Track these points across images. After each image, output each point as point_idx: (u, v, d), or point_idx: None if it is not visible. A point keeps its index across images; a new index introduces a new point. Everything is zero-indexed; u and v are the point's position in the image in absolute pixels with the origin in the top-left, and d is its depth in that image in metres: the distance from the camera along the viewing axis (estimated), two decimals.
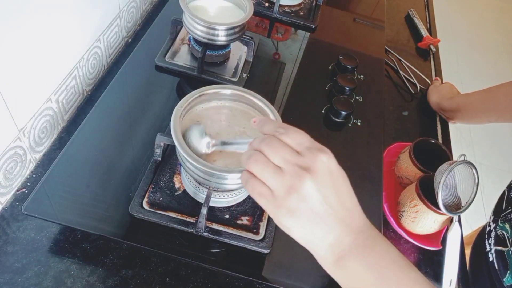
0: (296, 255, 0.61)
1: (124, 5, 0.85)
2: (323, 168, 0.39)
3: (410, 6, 1.30)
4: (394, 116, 0.95)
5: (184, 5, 0.76)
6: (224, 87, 0.62)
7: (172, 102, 0.77)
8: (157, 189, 0.62)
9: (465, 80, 2.61)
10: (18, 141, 0.61)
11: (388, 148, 0.85)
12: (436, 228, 0.71)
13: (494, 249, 0.75)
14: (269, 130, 0.43)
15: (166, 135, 0.61)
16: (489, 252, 0.77)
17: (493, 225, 0.79)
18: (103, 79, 0.83)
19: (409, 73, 1.06)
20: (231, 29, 0.78)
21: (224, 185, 0.56)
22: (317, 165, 0.39)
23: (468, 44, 2.99)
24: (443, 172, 0.67)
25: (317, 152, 0.40)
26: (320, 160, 0.39)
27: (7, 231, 0.59)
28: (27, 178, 0.66)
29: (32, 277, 0.56)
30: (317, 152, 0.40)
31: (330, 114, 0.82)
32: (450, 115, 0.95)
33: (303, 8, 1.07)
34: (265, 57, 0.92)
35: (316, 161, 0.39)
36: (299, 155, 0.40)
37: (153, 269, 0.59)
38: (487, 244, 0.78)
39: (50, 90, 0.67)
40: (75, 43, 0.71)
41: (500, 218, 0.76)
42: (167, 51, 0.84)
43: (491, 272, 0.75)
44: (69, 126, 0.74)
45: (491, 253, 0.76)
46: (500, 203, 0.80)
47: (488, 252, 0.77)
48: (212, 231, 0.59)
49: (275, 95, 0.84)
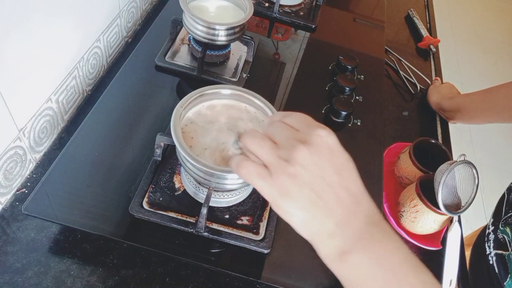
0: (296, 255, 0.61)
1: (124, 5, 0.85)
2: (320, 141, 0.37)
3: (410, 6, 1.30)
4: (394, 116, 0.95)
5: (184, 5, 0.76)
6: (224, 87, 0.62)
7: (172, 102, 0.77)
8: (157, 189, 0.62)
9: (465, 80, 2.61)
10: (18, 141, 0.61)
11: (388, 148, 0.85)
12: (436, 228, 0.71)
13: (494, 252, 0.75)
14: (276, 117, 0.42)
15: (166, 135, 0.61)
16: (489, 255, 0.77)
17: (492, 228, 0.79)
18: (103, 79, 0.83)
19: (409, 73, 1.06)
20: (231, 29, 0.78)
21: (224, 185, 0.56)
22: (313, 138, 0.37)
23: (468, 44, 2.99)
24: (443, 172, 0.67)
25: (315, 127, 0.38)
26: (317, 134, 0.37)
27: (7, 231, 0.59)
28: (27, 178, 0.66)
29: (32, 277, 0.55)
30: (315, 127, 0.38)
31: (330, 114, 0.82)
32: (450, 115, 0.95)
33: (303, 8, 1.07)
34: (265, 57, 0.92)
35: (312, 134, 0.37)
36: (298, 132, 0.38)
37: (153, 269, 0.59)
38: (487, 247, 0.78)
39: (50, 90, 0.67)
40: (75, 43, 0.71)
41: (501, 222, 0.76)
42: (167, 51, 0.84)
43: (491, 275, 0.75)
44: (69, 126, 0.74)
45: (491, 256, 0.76)
46: (500, 206, 0.80)
47: (488, 255, 0.77)
48: (212, 231, 0.59)
49: (275, 95, 0.84)
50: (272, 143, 0.38)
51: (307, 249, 0.62)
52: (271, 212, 0.63)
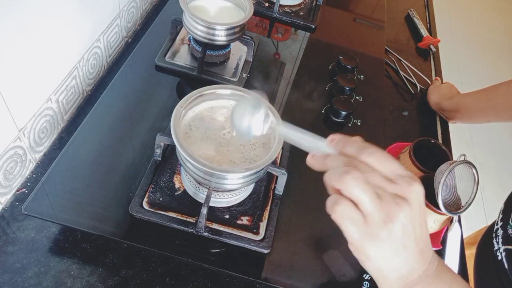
0: (296, 255, 0.61)
1: (124, 5, 0.85)
2: (417, 198, 0.38)
3: (410, 6, 1.30)
4: (394, 116, 0.95)
5: (184, 5, 0.76)
6: (224, 87, 0.62)
7: (172, 102, 0.77)
8: (157, 189, 0.62)
9: (465, 80, 2.61)
10: (18, 141, 0.61)
11: (388, 148, 0.85)
12: (436, 228, 0.71)
13: (503, 248, 0.75)
14: (353, 151, 0.40)
15: (166, 135, 0.61)
16: (497, 251, 0.77)
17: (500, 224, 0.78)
18: (103, 79, 0.83)
19: (409, 73, 1.06)
20: (231, 29, 0.78)
21: (224, 185, 0.56)
22: (412, 196, 0.38)
23: (468, 44, 2.99)
24: (443, 172, 0.67)
25: (411, 181, 0.38)
26: (415, 191, 0.38)
27: (7, 231, 0.59)
28: (27, 178, 0.66)
29: (32, 277, 0.55)
30: (412, 182, 0.38)
31: (330, 114, 0.82)
32: (450, 115, 0.95)
33: (303, 8, 1.07)
34: (265, 57, 0.92)
35: (411, 191, 0.38)
36: (394, 183, 0.38)
37: (153, 269, 0.59)
38: (495, 242, 0.78)
39: (50, 90, 0.67)
40: (75, 43, 0.71)
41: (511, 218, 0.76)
42: (167, 51, 0.84)
43: (499, 271, 0.75)
44: (69, 126, 0.74)
45: (499, 252, 0.76)
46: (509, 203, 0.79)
47: (496, 251, 0.77)
48: (212, 231, 0.59)
49: (275, 95, 0.84)
50: (375, 193, 0.38)
51: (307, 249, 0.62)
52: (271, 212, 0.63)
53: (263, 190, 0.67)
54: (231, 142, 0.60)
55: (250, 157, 0.58)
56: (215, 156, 0.57)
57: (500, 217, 0.80)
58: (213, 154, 0.57)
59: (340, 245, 0.64)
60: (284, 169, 0.62)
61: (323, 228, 0.65)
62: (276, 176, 0.66)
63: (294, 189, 0.68)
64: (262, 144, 0.60)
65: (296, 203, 0.67)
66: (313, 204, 0.67)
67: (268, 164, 0.56)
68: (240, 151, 0.59)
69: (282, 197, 0.66)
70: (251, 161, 0.58)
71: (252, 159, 0.58)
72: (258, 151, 0.59)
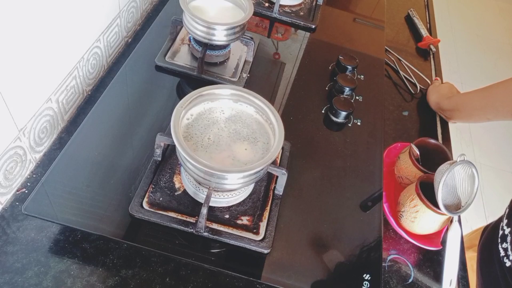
0: (296, 255, 0.61)
1: (124, 5, 0.85)
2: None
3: (410, 6, 1.30)
4: (394, 116, 0.95)
5: (184, 5, 0.76)
6: (224, 87, 0.62)
7: (172, 102, 0.77)
8: (157, 189, 0.62)
9: (465, 80, 2.61)
10: (18, 141, 0.61)
11: (388, 148, 0.85)
12: (436, 228, 0.71)
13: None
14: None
15: (166, 135, 0.61)
16: (504, 257, 0.76)
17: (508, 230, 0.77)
18: (103, 79, 0.83)
19: (409, 73, 1.06)
20: (231, 29, 0.78)
21: (224, 185, 0.56)
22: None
23: (468, 44, 2.99)
24: (443, 172, 0.67)
25: None
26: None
27: (7, 231, 0.59)
28: (27, 178, 0.66)
29: (32, 277, 0.55)
30: None
31: (330, 114, 0.82)
32: (449, 114, 0.95)
33: (303, 8, 1.07)
34: (265, 57, 0.92)
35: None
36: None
37: (153, 269, 0.59)
38: (501, 249, 0.77)
39: (50, 90, 0.67)
40: (75, 43, 0.71)
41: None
42: (167, 51, 0.84)
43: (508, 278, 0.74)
44: (69, 126, 0.74)
45: (507, 258, 0.75)
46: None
47: (503, 257, 0.76)
48: (212, 231, 0.59)
49: (275, 95, 0.84)
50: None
51: (307, 249, 0.62)
52: (271, 212, 0.63)
53: (263, 190, 0.67)
54: (231, 142, 0.60)
55: (250, 157, 0.58)
56: (215, 156, 0.57)
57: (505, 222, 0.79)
58: (213, 154, 0.58)
59: (340, 245, 0.64)
60: (284, 169, 0.62)
61: (323, 228, 0.65)
62: (276, 176, 0.66)
63: (294, 189, 0.68)
64: (262, 144, 0.60)
65: (296, 203, 0.67)
66: (313, 204, 0.67)
67: (268, 164, 0.56)
68: (240, 151, 0.59)
69: (282, 197, 0.66)
70: (251, 161, 0.58)
71: (252, 159, 0.58)
72: (258, 151, 0.59)
